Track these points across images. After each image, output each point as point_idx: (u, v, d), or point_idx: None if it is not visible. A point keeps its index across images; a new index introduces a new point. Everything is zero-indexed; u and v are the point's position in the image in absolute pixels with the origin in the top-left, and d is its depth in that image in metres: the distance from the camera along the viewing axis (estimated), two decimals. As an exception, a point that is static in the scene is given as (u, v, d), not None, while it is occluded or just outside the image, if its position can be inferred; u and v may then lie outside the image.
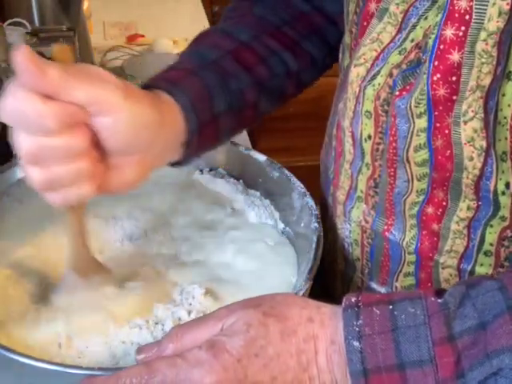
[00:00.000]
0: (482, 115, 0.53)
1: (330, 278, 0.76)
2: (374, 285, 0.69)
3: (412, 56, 0.56)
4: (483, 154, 0.54)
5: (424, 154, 0.57)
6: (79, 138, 0.50)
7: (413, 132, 0.57)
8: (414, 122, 0.56)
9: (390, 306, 0.46)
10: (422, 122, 0.56)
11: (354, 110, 0.62)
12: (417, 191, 0.60)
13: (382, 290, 0.68)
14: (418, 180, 0.59)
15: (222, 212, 0.76)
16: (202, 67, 0.65)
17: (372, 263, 0.68)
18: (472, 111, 0.53)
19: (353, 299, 0.47)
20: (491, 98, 0.52)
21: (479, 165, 0.55)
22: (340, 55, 0.70)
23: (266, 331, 0.46)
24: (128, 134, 0.52)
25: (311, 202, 0.70)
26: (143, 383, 0.45)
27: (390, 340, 0.44)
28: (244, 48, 0.69)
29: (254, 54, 0.69)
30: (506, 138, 0.52)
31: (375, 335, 0.45)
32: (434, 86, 0.54)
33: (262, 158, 0.78)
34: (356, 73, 0.61)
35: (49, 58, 0.52)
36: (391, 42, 0.58)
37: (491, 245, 0.58)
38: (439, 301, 0.46)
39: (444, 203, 0.59)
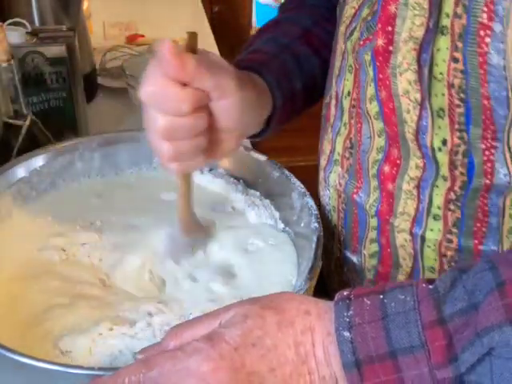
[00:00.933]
0: (416, 67, 0.54)
1: None
2: (348, 253, 0.70)
3: (375, 8, 0.57)
4: (418, 106, 0.55)
5: (375, 106, 0.59)
6: (203, 119, 0.58)
7: (367, 82, 0.59)
8: (367, 72, 0.59)
9: (381, 296, 0.46)
10: (370, 72, 0.58)
11: (340, 66, 0.65)
12: (377, 148, 0.62)
13: (354, 258, 0.69)
14: (378, 136, 0.61)
15: (222, 212, 0.76)
16: (280, 51, 0.73)
17: (346, 230, 0.69)
18: (406, 63, 0.54)
19: (345, 293, 0.47)
20: (424, 50, 0.53)
21: (415, 118, 0.56)
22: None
23: (263, 322, 0.46)
24: (238, 114, 0.61)
25: (311, 202, 0.70)
26: (141, 378, 0.45)
27: (380, 328, 0.44)
28: (310, 33, 0.76)
29: (318, 39, 0.76)
30: (444, 94, 0.53)
31: (365, 324, 0.45)
32: (376, 36, 0.56)
33: (262, 157, 0.78)
34: (340, 31, 0.65)
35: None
36: None
37: (439, 208, 0.59)
38: (430, 286, 0.46)
39: (398, 161, 0.60)
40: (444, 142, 0.55)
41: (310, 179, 0.78)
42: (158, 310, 0.61)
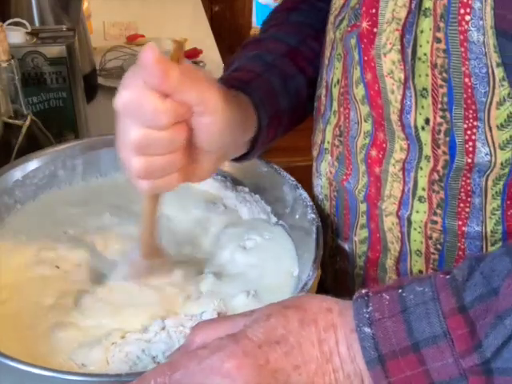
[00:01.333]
0: (399, 47, 0.55)
1: None
2: (340, 241, 0.71)
3: None
4: (402, 86, 0.56)
5: (361, 90, 0.60)
6: (181, 134, 0.55)
7: (353, 66, 0.60)
8: (353, 56, 0.60)
9: (399, 290, 0.46)
10: (355, 55, 0.59)
11: (330, 56, 0.66)
12: (364, 133, 0.62)
13: (346, 246, 0.70)
14: (365, 121, 0.61)
15: (214, 210, 0.76)
16: (265, 69, 0.71)
17: (338, 218, 0.70)
18: (390, 43, 0.55)
19: (363, 291, 0.47)
20: (407, 31, 0.54)
21: (399, 97, 0.56)
22: None
23: (285, 320, 0.46)
24: (220, 132, 0.58)
25: (304, 194, 0.71)
26: (167, 380, 0.45)
27: (401, 321, 0.44)
28: (295, 51, 0.74)
29: (303, 57, 0.74)
30: (427, 75, 0.54)
31: (385, 319, 0.45)
32: (362, 19, 0.57)
33: None
34: (330, 21, 0.66)
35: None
36: None
37: (423, 190, 0.60)
38: (447, 277, 0.46)
39: (384, 145, 0.61)
40: (427, 121, 0.56)
41: (310, 179, 0.78)
42: (166, 313, 0.61)
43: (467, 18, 0.50)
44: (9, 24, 0.90)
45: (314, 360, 0.45)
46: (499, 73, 0.50)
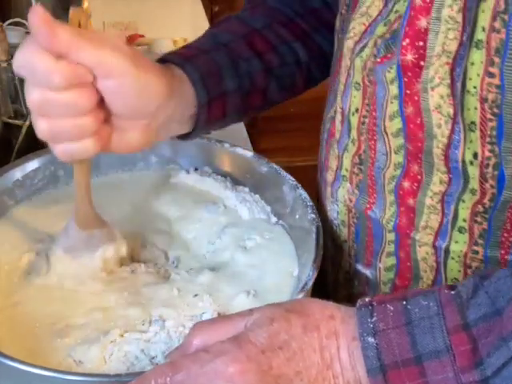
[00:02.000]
0: (449, 81, 0.53)
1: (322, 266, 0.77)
2: (359, 267, 0.70)
3: (395, 26, 0.57)
4: (450, 121, 0.54)
5: (398, 123, 0.58)
6: (84, 98, 0.53)
7: (387, 99, 0.58)
8: (388, 89, 0.58)
9: (404, 302, 0.46)
10: (393, 89, 0.57)
11: (345, 83, 0.64)
12: (394, 164, 0.61)
13: (367, 271, 0.69)
14: (395, 153, 0.60)
15: (214, 210, 0.76)
16: (214, 48, 0.69)
17: (357, 244, 0.69)
18: (439, 77, 0.54)
19: (367, 299, 0.47)
20: (458, 64, 0.52)
21: (447, 132, 0.55)
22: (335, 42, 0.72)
23: (288, 326, 0.46)
24: (132, 98, 0.56)
25: (304, 194, 0.70)
26: (168, 381, 0.45)
27: (405, 333, 0.44)
28: (256, 35, 0.72)
29: (265, 41, 0.72)
30: (476, 108, 0.52)
31: (390, 330, 0.45)
32: (403, 50, 0.55)
33: (248, 153, 0.79)
34: (347, 46, 0.63)
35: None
36: (379, 15, 0.59)
37: (464, 221, 0.58)
38: (452, 292, 0.46)
39: (419, 177, 0.59)
40: (475, 156, 0.55)
41: (310, 179, 0.78)
42: (166, 313, 0.61)
43: None
44: (9, 24, 0.90)
45: (315, 366, 0.46)
46: None
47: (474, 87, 0.52)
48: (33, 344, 0.58)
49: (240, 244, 0.70)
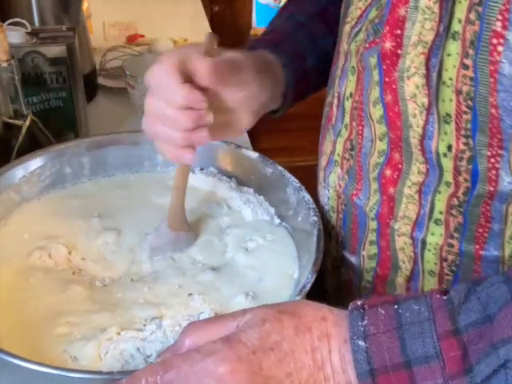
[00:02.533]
0: (424, 72, 0.53)
1: None
2: (346, 254, 0.70)
3: (383, 12, 0.56)
4: (425, 111, 0.54)
5: (380, 110, 0.58)
6: (191, 119, 0.60)
7: (371, 85, 0.58)
8: (372, 75, 0.58)
9: (395, 306, 0.46)
10: (375, 75, 0.57)
11: (342, 67, 0.65)
12: (378, 152, 0.61)
13: (353, 259, 0.69)
14: (380, 140, 0.60)
15: (218, 211, 0.76)
16: (295, 29, 0.77)
17: (345, 231, 0.69)
18: (414, 67, 0.53)
19: (359, 302, 0.47)
20: (433, 55, 0.52)
21: (422, 123, 0.55)
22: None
23: (280, 327, 0.46)
24: (254, 102, 0.67)
25: (307, 196, 0.70)
26: (158, 380, 0.45)
27: (395, 338, 0.44)
28: (326, 11, 0.78)
29: (333, 17, 0.75)
30: (451, 100, 0.52)
31: (380, 334, 0.45)
32: (383, 38, 0.55)
33: (254, 155, 0.79)
34: (344, 31, 0.64)
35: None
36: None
37: (441, 213, 0.59)
38: (444, 297, 0.46)
39: (400, 166, 0.60)
40: (449, 148, 0.54)
41: (310, 179, 0.78)
42: (164, 312, 0.61)
43: (499, 48, 0.47)
44: (9, 24, 0.90)
45: (307, 368, 0.45)
46: None
47: (450, 79, 0.51)
48: (31, 339, 0.59)
49: (242, 245, 0.71)
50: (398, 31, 0.54)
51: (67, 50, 0.93)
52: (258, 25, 2.19)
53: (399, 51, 0.54)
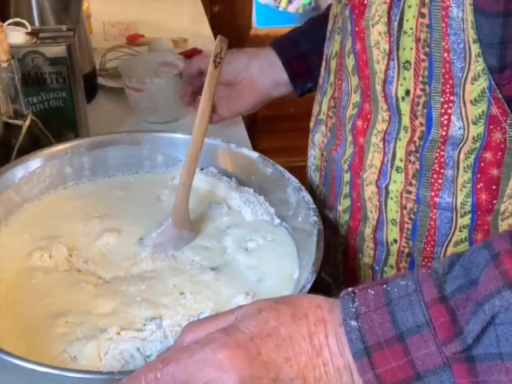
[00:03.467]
0: (386, 20, 0.58)
1: None
2: (326, 211, 0.74)
3: None
4: (386, 57, 0.59)
5: (352, 60, 0.64)
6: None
7: (346, 37, 0.64)
8: (346, 27, 0.64)
9: (384, 286, 0.47)
10: (348, 26, 0.63)
11: (331, 29, 0.70)
12: (352, 104, 0.66)
13: (331, 215, 0.74)
14: (354, 92, 0.65)
15: (218, 211, 0.77)
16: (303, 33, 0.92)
17: (325, 188, 0.74)
18: (378, 15, 0.58)
19: (350, 289, 0.48)
20: (395, 5, 0.57)
21: (383, 68, 0.60)
22: None
23: (277, 314, 0.47)
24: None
25: (307, 196, 0.71)
26: (158, 374, 0.45)
27: (386, 313, 0.45)
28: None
29: None
30: (412, 48, 0.57)
31: (371, 312, 0.45)
32: None
33: (254, 155, 0.79)
34: None
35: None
36: None
37: (401, 160, 0.63)
38: (429, 271, 0.47)
39: (369, 116, 0.64)
40: (407, 93, 0.59)
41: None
42: (165, 312, 0.61)
43: None
44: (9, 24, 0.90)
45: (305, 353, 0.46)
46: (475, 49, 0.53)
47: (411, 28, 0.56)
48: (30, 338, 0.59)
49: (242, 245, 0.71)
50: None
51: (67, 49, 0.93)
52: (258, 25, 2.18)
53: (366, 1, 0.59)
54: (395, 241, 0.68)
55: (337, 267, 0.77)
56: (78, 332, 0.59)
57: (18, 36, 0.91)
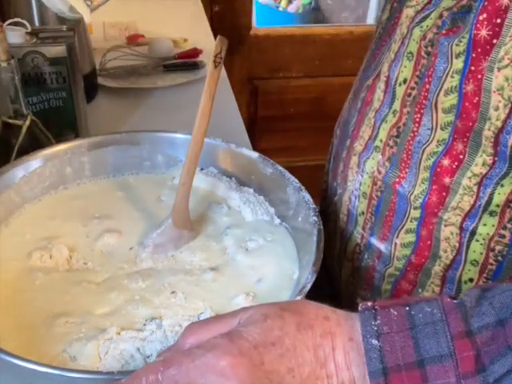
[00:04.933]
0: None
1: (329, 236, 0.77)
2: (373, 240, 0.70)
3: (464, 2, 0.56)
4: (509, 105, 0.54)
5: (453, 99, 0.57)
6: None
7: (448, 73, 0.57)
8: (451, 63, 0.57)
9: (407, 308, 0.46)
10: (458, 63, 0.56)
11: (397, 51, 0.64)
12: (438, 141, 0.60)
13: (382, 246, 0.69)
14: (442, 129, 0.59)
15: (218, 210, 0.77)
16: None
17: (376, 217, 0.69)
18: (508, 58, 0.53)
19: (369, 303, 0.47)
20: None
21: (503, 116, 0.54)
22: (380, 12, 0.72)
23: (282, 322, 0.46)
24: None
25: (308, 197, 0.70)
26: (159, 376, 0.45)
27: (409, 337, 0.44)
28: None
29: None
30: None
31: (393, 333, 0.45)
32: (478, 25, 0.54)
33: (254, 155, 0.79)
34: (406, 14, 0.62)
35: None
36: None
37: (498, 206, 0.58)
38: (455, 301, 0.46)
39: (461, 156, 0.59)
40: None
41: (310, 179, 0.78)
42: (164, 312, 0.61)
43: None
44: (9, 24, 0.90)
45: (308, 364, 0.45)
46: None
47: None
48: (30, 338, 0.59)
49: (242, 245, 0.71)
50: (498, 20, 0.53)
51: (67, 49, 0.93)
52: (258, 25, 2.18)
53: (495, 40, 0.53)
54: (471, 280, 0.64)
55: (380, 295, 0.74)
56: (77, 332, 0.59)
57: (17, 36, 0.91)
